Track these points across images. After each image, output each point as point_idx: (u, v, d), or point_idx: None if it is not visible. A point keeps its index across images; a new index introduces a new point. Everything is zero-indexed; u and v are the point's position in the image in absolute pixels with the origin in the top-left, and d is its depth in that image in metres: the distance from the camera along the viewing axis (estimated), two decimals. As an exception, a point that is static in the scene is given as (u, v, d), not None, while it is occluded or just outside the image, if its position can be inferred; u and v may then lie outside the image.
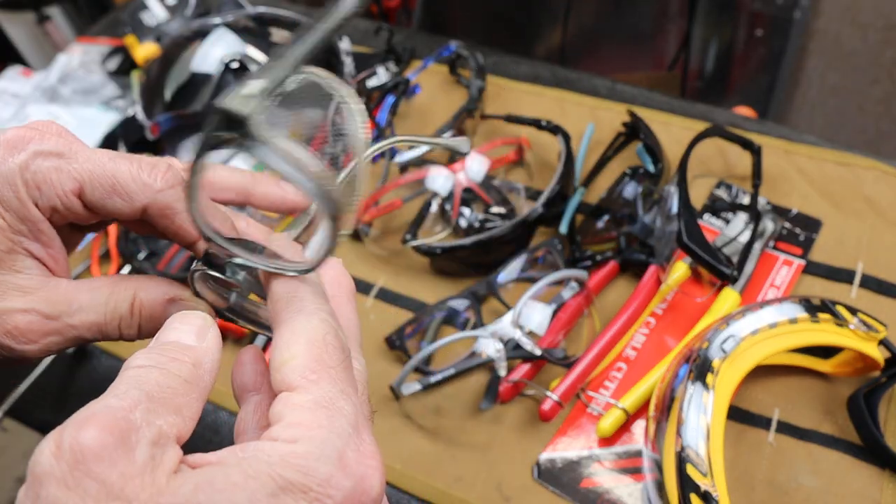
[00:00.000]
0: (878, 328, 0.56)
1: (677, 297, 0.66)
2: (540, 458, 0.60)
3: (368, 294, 0.73)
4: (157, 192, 0.32)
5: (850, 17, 1.46)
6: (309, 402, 0.25)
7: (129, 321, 0.33)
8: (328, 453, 0.24)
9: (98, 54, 1.05)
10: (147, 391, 0.25)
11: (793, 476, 0.56)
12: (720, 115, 0.82)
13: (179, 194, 0.32)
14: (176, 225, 0.33)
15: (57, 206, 0.31)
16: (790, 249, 0.68)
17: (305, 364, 0.26)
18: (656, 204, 0.68)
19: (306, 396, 0.26)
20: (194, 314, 0.30)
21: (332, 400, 0.26)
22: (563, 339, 0.65)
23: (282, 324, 0.28)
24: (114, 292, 0.33)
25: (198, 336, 0.28)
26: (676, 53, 1.53)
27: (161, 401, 0.25)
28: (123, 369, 0.26)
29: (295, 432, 0.25)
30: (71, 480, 0.22)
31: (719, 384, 0.53)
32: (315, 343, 0.27)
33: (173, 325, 0.29)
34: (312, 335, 0.27)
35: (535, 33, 1.61)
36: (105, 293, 0.32)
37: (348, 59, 0.89)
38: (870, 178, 0.72)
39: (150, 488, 0.23)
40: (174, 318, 0.29)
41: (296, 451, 0.24)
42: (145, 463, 0.23)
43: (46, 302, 0.31)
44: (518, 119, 0.79)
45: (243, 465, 0.24)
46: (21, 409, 0.72)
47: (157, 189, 0.32)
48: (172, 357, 0.27)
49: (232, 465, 0.24)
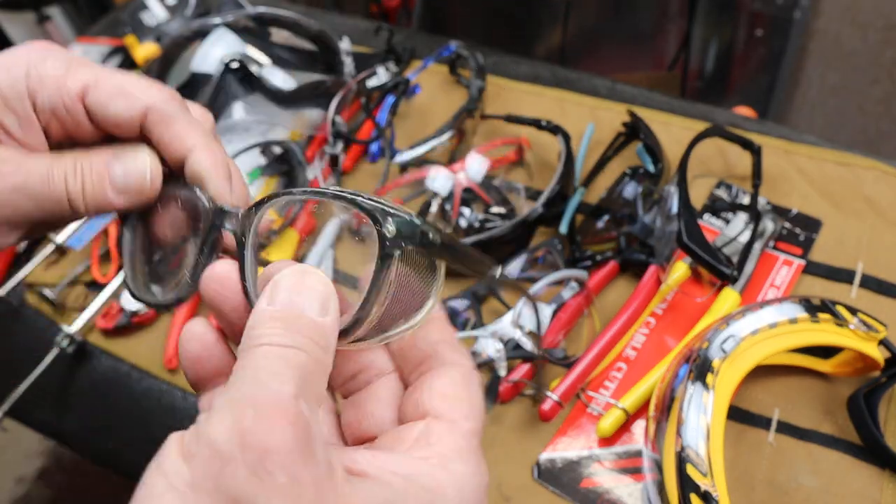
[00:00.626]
0: (878, 328, 0.56)
1: (677, 297, 0.66)
2: (540, 458, 0.60)
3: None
4: (157, 94, 0.32)
5: (850, 17, 1.46)
6: (466, 436, 0.27)
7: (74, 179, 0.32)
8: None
9: (98, 54, 1.05)
10: (302, 377, 0.24)
11: (793, 476, 0.56)
12: (720, 115, 0.82)
13: (180, 103, 0.33)
14: (172, 132, 0.32)
15: (58, 108, 0.31)
16: (790, 249, 0.68)
17: (466, 403, 0.28)
18: (656, 204, 0.68)
19: (465, 427, 0.27)
20: (314, 274, 0.27)
21: (479, 451, 0.28)
22: (563, 339, 0.65)
23: (441, 365, 0.29)
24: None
25: (322, 308, 0.26)
26: (676, 53, 1.53)
27: (310, 390, 0.24)
28: (256, 341, 0.24)
29: (454, 466, 0.26)
30: (264, 474, 0.21)
31: (719, 384, 0.53)
32: (474, 388, 0.29)
33: (295, 289, 0.26)
34: (469, 379, 0.29)
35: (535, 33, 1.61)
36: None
37: (348, 59, 0.89)
38: (870, 178, 0.72)
39: (333, 496, 0.22)
40: (292, 278, 0.26)
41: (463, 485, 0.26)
42: (327, 466, 0.23)
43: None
44: (518, 119, 0.79)
45: (410, 490, 0.24)
46: (21, 409, 0.72)
47: (157, 94, 0.32)
48: (310, 337, 0.25)
49: (397, 487, 0.24)
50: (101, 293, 0.76)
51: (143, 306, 0.72)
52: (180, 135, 0.32)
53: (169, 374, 0.70)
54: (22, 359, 0.75)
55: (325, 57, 0.88)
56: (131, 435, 0.69)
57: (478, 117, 0.83)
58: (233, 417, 0.22)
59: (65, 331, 0.72)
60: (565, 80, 0.89)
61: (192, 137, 0.32)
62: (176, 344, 0.71)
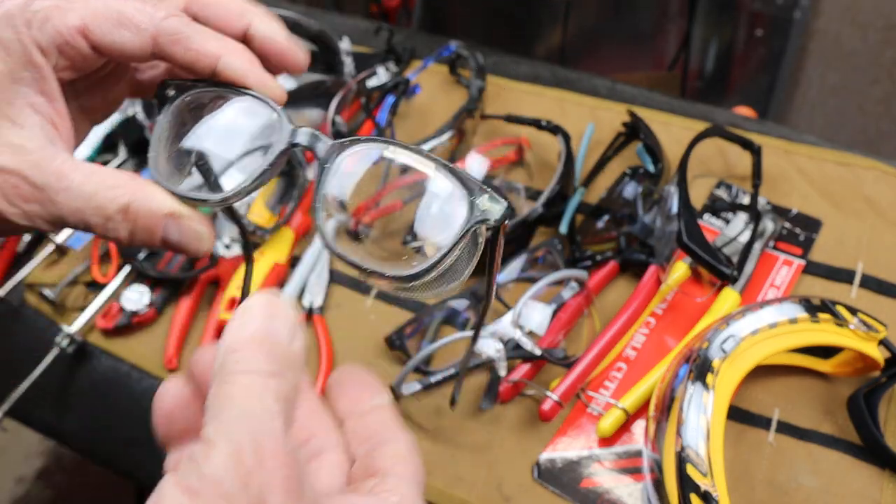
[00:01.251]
0: (878, 328, 0.56)
1: (677, 297, 0.66)
2: (540, 458, 0.60)
3: (368, 294, 0.73)
4: (162, 19, 0.31)
5: (850, 17, 1.46)
6: (418, 488, 0.29)
7: (117, 224, 0.30)
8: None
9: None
10: (286, 410, 0.24)
11: (793, 476, 0.56)
12: (720, 115, 0.82)
13: (186, 20, 0.31)
14: (193, 51, 0.31)
15: (62, 46, 0.30)
16: (790, 249, 0.68)
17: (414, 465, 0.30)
18: (656, 204, 0.68)
19: (416, 480, 0.29)
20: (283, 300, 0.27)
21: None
22: (563, 339, 0.65)
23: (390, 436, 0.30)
24: (103, 189, 0.30)
25: (291, 334, 0.26)
26: (676, 53, 1.53)
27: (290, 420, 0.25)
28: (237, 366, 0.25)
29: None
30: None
31: (719, 384, 0.53)
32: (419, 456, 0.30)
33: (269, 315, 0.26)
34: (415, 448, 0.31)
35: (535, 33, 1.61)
36: (94, 185, 0.30)
37: (348, 59, 0.89)
38: (870, 178, 0.72)
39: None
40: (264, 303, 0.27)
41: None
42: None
43: (35, 168, 0.29)
44: (518, 119, 0.79)
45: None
46: (21, 409, 0.72)
47: (162, 17, 0.31)
48: (288, 365, 0.25)
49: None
50: (101, 293, 0.76)
51: (144, 306, 0.72)
52: (200, 50, 0.31)
53: (169, 374, 0.70)
54: (22, 359, 0.75)
55: (325, 57, 0.88)
56: (131, 435, 0.69)
57: (478, 117, 0.83)
58: (232, 453, 0.22)
59: (65, 331, 0.72)
60: (565, 80, 0.89)
61: (212, 47, 0.31)
62: (176, 344, 0.71)
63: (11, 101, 0.29)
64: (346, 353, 0.69)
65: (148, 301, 0.73)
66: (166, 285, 0.75)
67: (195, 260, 0.76)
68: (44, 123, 0.30)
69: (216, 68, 0.32)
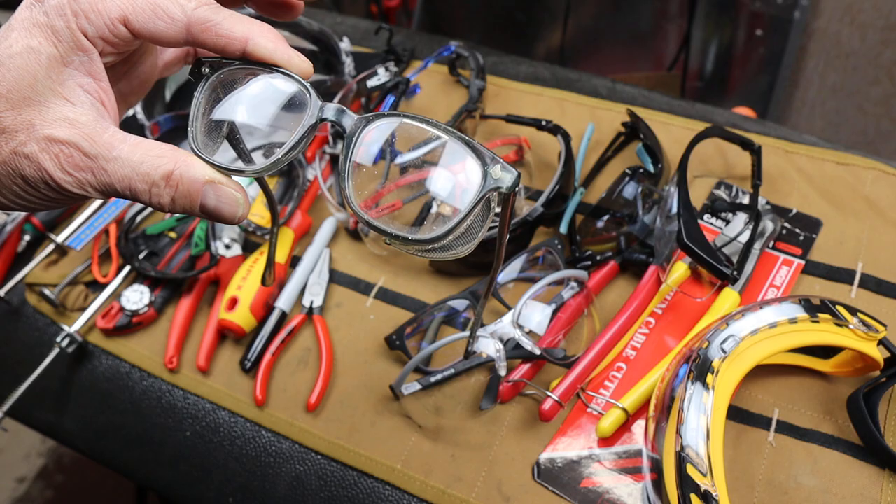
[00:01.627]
0: (877, 328, 0.56)
1: (677, 297, 0.67)
2: (540, 458, 0.60)
3: (368, 294, 0.73)
4: (193, 9, 0.34)
5: (850, 17, 1.46)
6: None
7: (161, 191, 0.34)
8: None
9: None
10: None
11: (793, 476, 0.56)
12: (720, 116, 0.82)
13: (214, 7, 0.35)
14: (223, 35, 0.35)
15: (105, 34, 0.34)
16: (790, 249, 0.68)
17: None
18: (656, 204, 0.68)
19: None
20: None
21: None
22: (563, 339, 0.65)
23: None
24: (149, 158, 0.34)
25: None
26: (676, 53, 1.53)
27: None
28: None
29: None
30: None
31: (719, 384, 0.53)
32: None
33: None
34: None
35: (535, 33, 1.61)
36: (141, 155, 0.34)
37: (348, 59, 0.89)
38: (870, 178, 0.72)
39: None
40: None
41: None
42: None
43: (88, 139, 0.33)
44: (518, 119, 0.79)
45: None
46: (21, 409, 0.72)
47: (193, 7, 0.34)
48: None
49: None
50: (102, 293, 0.76)
51: (143, 306, 0.72)
52: (229, 34, 0.35)
53: (169, 374, 0.70)
54: (22, 359, 0.75)
55: (325, 57, 0.88)
56: (131, 435, 0.69)
57: (478, 117, 0.83)
58: None
59: (65, 330, 0.72)
60: (565, 80, 0.89)
61: (240, 31, 0.35)
62: (176, 344, 0.71)
63: (64, 82, 0.34)
64: (346, 353, 0.69)
65: (148, 301, 0.73)
66: (166, 285, 0.75)
67: (195, 260, 0.76)
68: (93, 101, 0.34)
69: (245, 50, 0.35)
